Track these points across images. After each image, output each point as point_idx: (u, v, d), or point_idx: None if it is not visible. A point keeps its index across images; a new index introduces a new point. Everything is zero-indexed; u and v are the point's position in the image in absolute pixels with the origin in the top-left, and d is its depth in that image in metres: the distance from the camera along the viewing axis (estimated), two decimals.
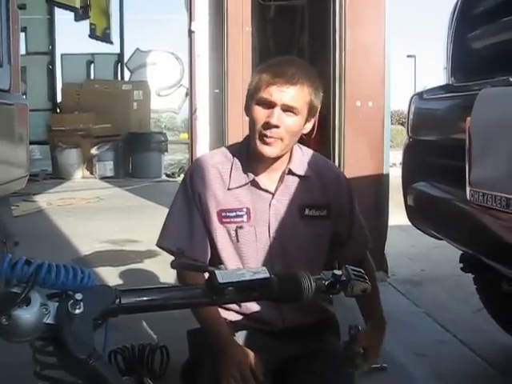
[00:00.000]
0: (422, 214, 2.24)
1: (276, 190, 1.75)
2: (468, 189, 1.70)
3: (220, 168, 1.75)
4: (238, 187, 1.73)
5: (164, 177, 10.93)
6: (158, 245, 1.82)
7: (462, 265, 2.07)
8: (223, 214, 1.73)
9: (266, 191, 1.75)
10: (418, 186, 2.14)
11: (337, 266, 1.73)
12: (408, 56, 28.15)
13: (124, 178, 10.51)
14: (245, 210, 1.73)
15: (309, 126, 1.75)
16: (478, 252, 1.76)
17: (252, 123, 1.68)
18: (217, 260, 1.73)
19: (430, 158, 2.12)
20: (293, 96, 1.63)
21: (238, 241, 1.74)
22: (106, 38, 13.12)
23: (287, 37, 6.40)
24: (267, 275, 1.21)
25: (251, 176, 1.73)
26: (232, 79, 5.26)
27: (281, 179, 1.75)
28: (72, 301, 0.90)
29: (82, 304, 0.90)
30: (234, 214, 1.72)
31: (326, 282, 1.31)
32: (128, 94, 11.61)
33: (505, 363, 2.81)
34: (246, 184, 1.73)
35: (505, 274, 1.66)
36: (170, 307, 1.15)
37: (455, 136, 1.89)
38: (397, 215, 4.22)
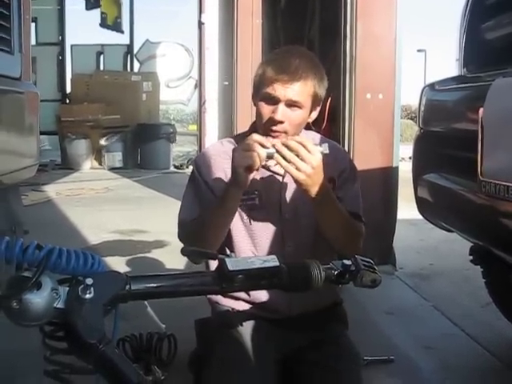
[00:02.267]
0: (432, 205, 2.23)
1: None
2: (480, 179, 1.69)
3: (229, 154, 1.75)
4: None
5: (172, 168, 10.95)
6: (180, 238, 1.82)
7: (471, 257, 2.05)
8: None
9: (276, 173, 1.77)
10: (429, 177, 2.13)
11: None
12: (418, 50, 28.02)
13: (133, 168, 10.54)
14: (256, 192, 1.75)
15: (314, 115, 1.76)
16: (488, 243, 1.75)
17: (258, 117, 1.71)
18: (229, 243, 1.74)
19: (442, 150, 2.11)
20: (297, 91, 1.65)
21: (250, 223, 1.76)
22: (117, 27, 13.11)
23: (298, 28, 6.37)
24: (277, 264, 1.21)
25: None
26: (241, 71, 5.25)
27: None
28: (82, 286, 0.90)
29: (92, 289, 0.91)
30: (245, 197, 1.72)
31: (336, 272, 1.31)
32: (137, 85, 11.61)
33: (510, 356, 2.80)
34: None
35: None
36: (179, 294, 1.15)
37: (467, 127, 1.88)
38: (406, 209, 4.21)
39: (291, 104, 1.66)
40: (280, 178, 1.78)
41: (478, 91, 1.83)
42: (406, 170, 2.71)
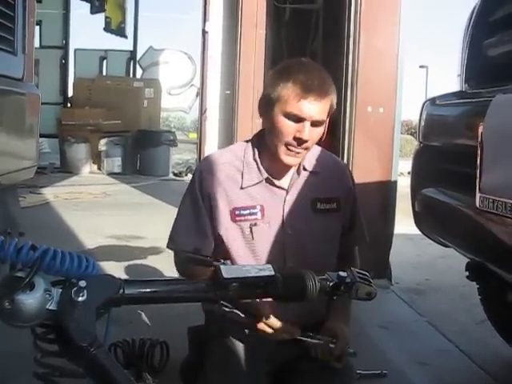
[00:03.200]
0: (429, 220, 2.23)
1: (289, 186, 1.76)
2: (478, 195, 1.69)
3: (231, 167, 1.75)
4: (251, 185, 1.74)
5: (171, 175, 10.94)
6: (171, 247, 1.80)
7: (467, 273, 2.04)
8: (236, 213, 1.73)
9: (280, 188, 1.77)
10: (427, 191, 2.13)
11: None
12: (420, 66, 28.09)
13: (131, 174, 10.52)
14: (259, 207, 1.74)
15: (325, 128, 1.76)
16: (485, 259, 1.75)
17: (277, 134, 1.67)
18: (229, 258, 1.72)
19: (441, 164, 2.12)
20: (322, 110, 1.65)
21: (252, 238, 1.74)
22: (120, 32, 13.14)
23: (301, 40, 6.38)
24: (272, 273, 1.20)
25: (265, 174, 1.75)
26: (243, 81, 5.26)
27: (294, 176, 1.77)
28: (76, 288, 0.90)
29: (85, 292, 0.90)
30: (247, 211, 1.72)
31: (331, 283, 1.30)
32: (139, 91, 11.63)
33: (507, 376, 2.79)
34: (260, 182, 1.74)
35: (511, 283, 1.64)
36: (172, 300, 1.14)
37: (467, 142, 1.88)
38: (403, 224, 4.21)
39: (315, 123, 1.65)
40: (284, 193, 1.77)
41: (479, 107, 1.84)
42: (404, 185, 2.72)
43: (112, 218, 6.14)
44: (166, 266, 4.07)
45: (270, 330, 1.56)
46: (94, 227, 5.52)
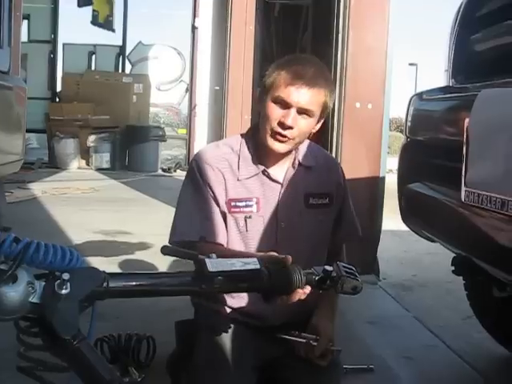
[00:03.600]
0: (416, 214, 2.23)
1: (284, 180, 1.77)
2: (463, 189, 1.70)
3: (228, 159, 1.76)
4: (248, 178, 1.75)
5: (160, 171, 10.91)
6: (174, 240, 1.78)
7: (453, 268, 2.04)
8: (232, 204, 1.73)
9: (276, 181, 1.77)
10: (414, 186, 2.14)
11: None
12: (410, 64, 28.18)
13: (120, 170, 10.48)
14: (255, 199, 1.74)
15: (318, 126, 1.77)
16: (470, 253, 1.75)
17: (265, 119, 1.69)
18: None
19: (427, 159, 2.12)
20: (310, 99, 1.65)
21: (246, 230, 1.75)
22: (108, 25, 13.08)
23: (290, 36, 6.39)
24: (258, 266, 1.20)
25: (261, 167, 1.75)
26: (233, 77, 5.25)
27: (289, 170, 1.78)
28: (59, 281, 0.89)
29: (68, 284, 0.89)
30: (243, 203, 1.73)
31: (317, 277, 1.30)
32: (128, 86, 11.58)
33: (492, 370, 2.82)
34: (256, 174, 1.75)
35: (496, 278, 1.65)
36: (157, 293, 1.14)
37: (453, 137, 1.89)
38: (391, 220, 4.22)
39: (302, 112, 1.66)
40: (279, 187, 1.77)
41: (465, 102, 1.85)
42: (393, 182, 2.74)
43: (100, 214, 6.11)
44: (153, 261, 4.08)
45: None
46: (81, 222, 5.50)
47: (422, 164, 2.16)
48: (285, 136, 1.67)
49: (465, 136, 1.71)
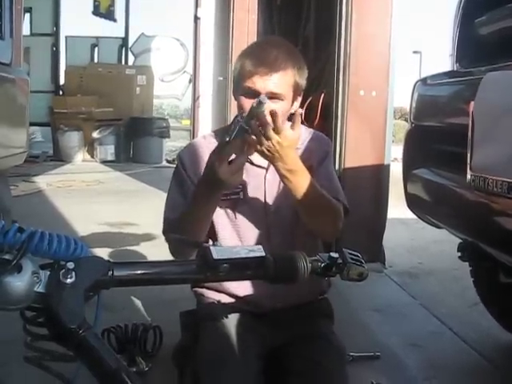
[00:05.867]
0: (421, 200, 2.22)
1: (269, 164, 1.73)
2: (469, 174, 1.69)
3: (212, 147, 1.72)
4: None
5: (165, 163, 10.91)
6: (165, 229, 1.79)
7: (459, 254, 2.03)
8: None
9: (260, 166, 1.76)
10: (419, 172, 2.13)
11: None
12: (414, 52, 28.01)
13: (125, 162, 10.49)
14: (240, 186, 1.73)
15: (296, 105, 1.73)
16: (477, 239, 1.74)
17: (239, 111, 1.66)
18: (214, 239, 1.71)
19: (432, 144, 2.11)
20: (277, 83, 1.62)
21: (235, 217, 1.75)
22: (109, 15, 13.04)
23: (293, 25, 6.35)
24: (263, 254, 1.20)
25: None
26: None
27: None
28: (64, 270, 0.89)
29: (73, 274, 0.89)
30: (230, 191, 1.71)
31: (322, 264, 1.30)
32: (131, 78, 11.56)
33: (499, 357, 2.82)
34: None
35: (503, 263, 1.65)
36: (162, 282, 1.14)
37: (458, 121, 1.88)
38: (396, 208, 4.22)
39: (272, 96, 1.63)
40: (263, 172, 1.76)
41: (469, 86, 1.83)
42: (398, 171, 2.74)
43: (105, 206, 6.13)
44: (159, 252, 4.06)
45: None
46: (86, 214, 5.51)
47: (427, 149, 2.14)
48: None
49: (470, 120, 1.70)
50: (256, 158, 1.73)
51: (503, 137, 1.54)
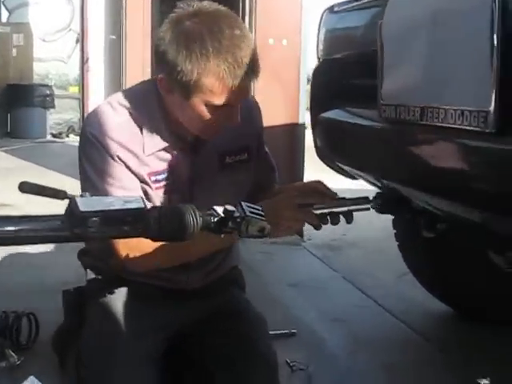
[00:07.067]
0: (332, 147, 2.20)
1: (195, 145, 1.71)
2: (380, 103, 1.70)
3: (130, 128, 1.65)
4: (156, 151, 1.66)
5: (50, 137, 10.62)
6: None
7: (374, 204, 2.02)
8: (153, 178, 1.67)
9: (185, 149, 1.70)
10: (329, 114, 2.12)
11: None
12: None
13: (1, 138, 10.14)
14: (167, 171, 1.67)
15: None
16: (393, 180, 1.76)
17: (196, 121, 1.59)
18: None
19: (342, 80, 2.09)
20: (249, 86, 1.58)
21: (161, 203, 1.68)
22: None
23: None
24: (141, 205, 1.16)
25: (168, 137, 1.66)
26: (131, 24, 5.16)
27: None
28: None
29: None
30: (155, 178, 1.66)
31: (216, 219, 1.28)
32: (6, 37, 11.15)
33: (430, 329, 2.91)
34: (164, 147, 1.67)
35: (423, 212, 1.67)
36: (21, 241, 1.09)
37: (367, 48, 1.88)
38: (315, 174, 4.25)
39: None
40: (189, 158, 1.70)
41: (378, 6, 1.84)
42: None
43: None
44: None
45: None
46: None
47: (338, 87, 2.13)
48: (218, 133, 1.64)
49: (379, 42, 1.70)
50: (182, 139, 1.68)
51: (413, 57, 1.55)
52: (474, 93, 1.40)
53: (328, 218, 1.66)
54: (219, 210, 1.29)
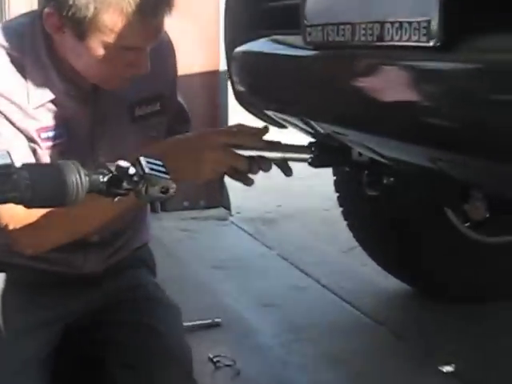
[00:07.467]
0: (254, 86, 2.14)
1: (95, 94, 1.67)
2: (304, 25, 1.65)
3: (11, 74, 1.60)
4: (45, 103, 1.62)
5: None
6: None
7: (309, 160, 1.98)
8: (43, 136, 1.63)
9: (83, 100, 1.66)
10: (247, 47, 2.06)
11: None
12: None
13: None
14: (61, 127, 1.64)
15: None
16: (325, 122, 1.73)
17: (100, 65, 1.55)
18: None
19: (261, 2, 2.05)
20: (162, 25, 1.54)
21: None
22: None
23: None
24: (7, 161, 1.11)
25: (59, 85, 1.62)
26: None
27: None
28: None
29: None
30: (50, 134, 1.63)
31: (106, 178, 1.23)
32: None
33: (382, 310, 2.94)
34: (55, 98, 1.63)
35: (365, 165, 1.65)
36: None
37: None
38: None
39: None
40: (89, 112, 1.68)
41: None
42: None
43: None
44: None
45: None
46: None
47: (256, 13, 2.07)
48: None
49: None
50: (77, 88, 1.64)
51: None
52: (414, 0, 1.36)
53: (258, 164, 1.60)
54: (110, 167, 1.25)
